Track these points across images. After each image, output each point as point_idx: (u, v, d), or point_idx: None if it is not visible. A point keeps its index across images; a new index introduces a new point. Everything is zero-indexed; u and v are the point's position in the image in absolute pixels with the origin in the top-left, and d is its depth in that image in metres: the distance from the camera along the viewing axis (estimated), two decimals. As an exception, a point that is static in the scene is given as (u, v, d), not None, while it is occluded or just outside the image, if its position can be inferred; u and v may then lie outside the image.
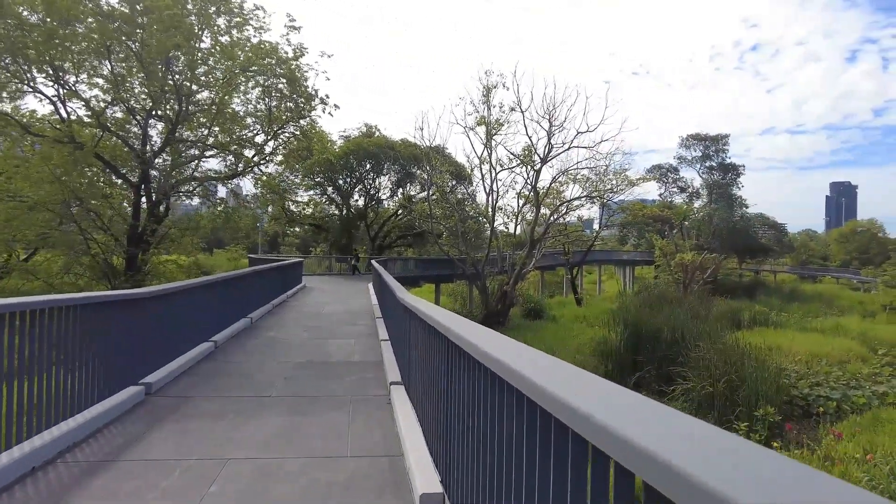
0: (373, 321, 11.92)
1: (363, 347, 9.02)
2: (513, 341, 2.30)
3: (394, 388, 5.87)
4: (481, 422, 2.26)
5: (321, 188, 38.92)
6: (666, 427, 1.05)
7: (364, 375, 7.04)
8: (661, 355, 20.67)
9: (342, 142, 38.65)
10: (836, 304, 49.88)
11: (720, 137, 59.23)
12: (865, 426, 14.75)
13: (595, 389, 1.45)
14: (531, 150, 24.32)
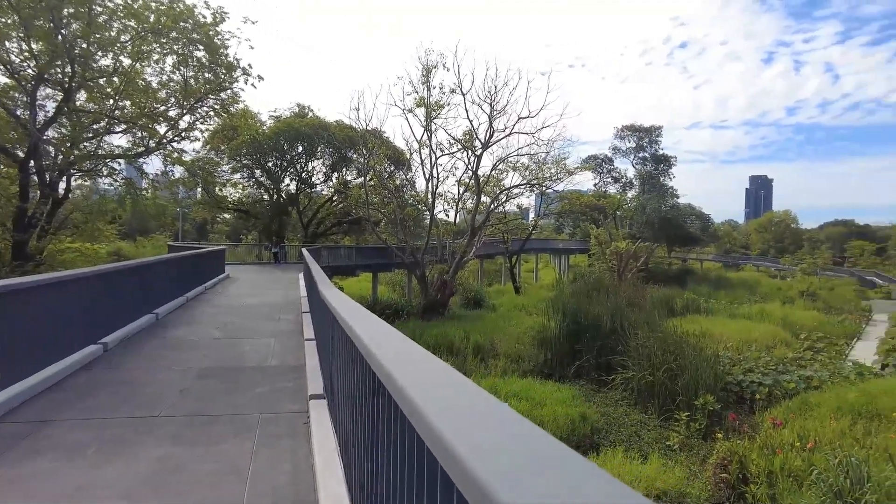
0: (299, 316, 10.68)
1: (283, 349, 7.82)
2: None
3: (314, 404, 4.79)
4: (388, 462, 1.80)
5: (249, 171, 36.57)
6: (489, 436, 1.04)
7: (280, 385, 5.87)
8: (600, 344, 20.48)
9: (272, 122, 36.39)
10: (759, 291, 52.33)
11: (653, 129, 60.74)
12: (796, 410, 14.89)
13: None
14: (472, 135, 23.47)
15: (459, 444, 0.92)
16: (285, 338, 8.59)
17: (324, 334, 5.27)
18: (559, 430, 13.74)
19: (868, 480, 7.66)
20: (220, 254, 19.60)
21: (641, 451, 13.66)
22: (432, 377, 1.56)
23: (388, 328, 2.63)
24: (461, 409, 1.17)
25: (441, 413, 1.10)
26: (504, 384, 16.49)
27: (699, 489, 11.29)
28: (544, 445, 0.98)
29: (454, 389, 1.39)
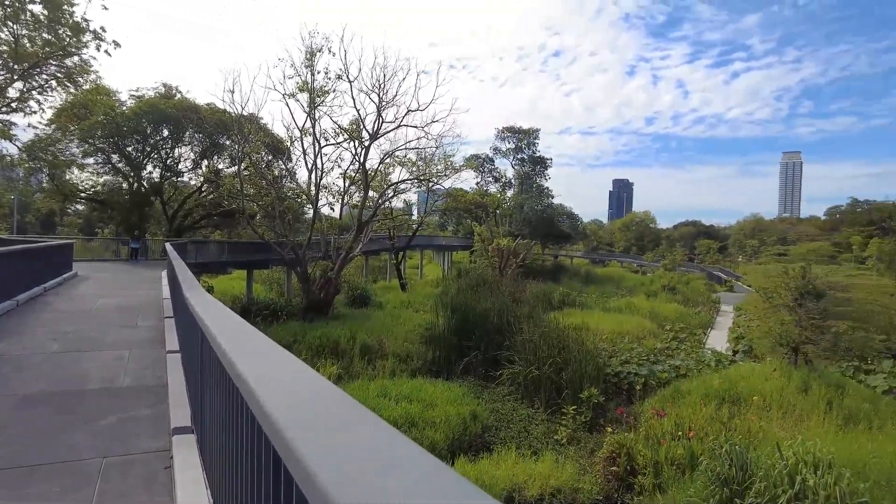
0: (161, 322, 9.14)
1: (140, 363, 6.42)
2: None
3: (179, 441, 3.72)
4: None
5: (104, 156, 32.27)
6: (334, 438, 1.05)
7: (134, 412, 4.64)
8: (488, 340, 20.49)
9: (133, 102, 32.41)
10: (624, 285, 56.32)
11: (531, 131, 63.08)
12: (669, 399, 15.75)
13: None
14: (359, 125, 22.33)
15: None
16: (143, 349, 7.16)
17: (191, 345, 4.19)
18: (451, 430, 13.34)
19: (751, 467, 7.91)
20: (65, 249, 16.84)
21: (532, 447, 13.65)
22: (335, 428, 1.14)
23: (267, 345, 2.18)
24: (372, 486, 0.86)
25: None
26: (394, 386, 15.80)
27: (590, 483, 11.39)
28: (409, 454, 0.94)
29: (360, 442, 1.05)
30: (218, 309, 3.33)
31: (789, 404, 14.40)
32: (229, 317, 2.98)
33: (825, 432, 12.50)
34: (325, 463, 0.89)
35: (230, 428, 2.11)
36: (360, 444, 1.03)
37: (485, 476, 10.87)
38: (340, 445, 0.99)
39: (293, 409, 1.27)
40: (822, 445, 8.37)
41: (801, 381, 15.25)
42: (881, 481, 7.79)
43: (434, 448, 12.65)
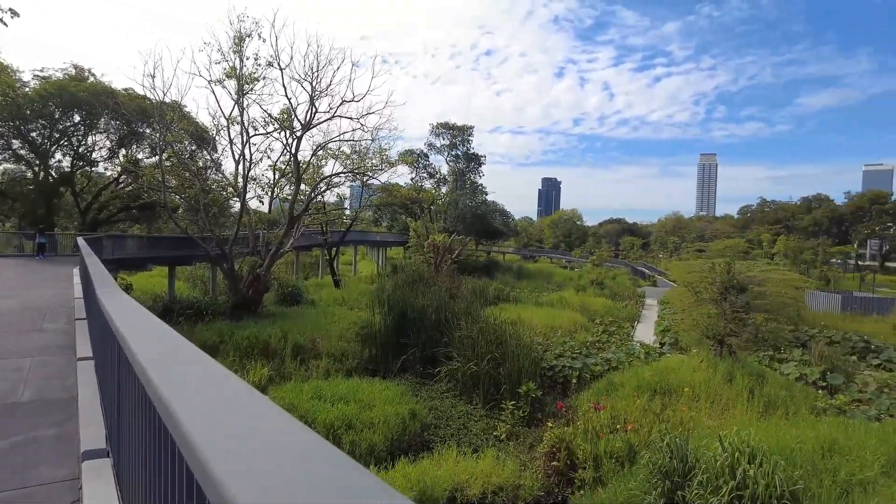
0: (71, 325, 8.23)
1: (44, 373, 5.59)
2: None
3: (90, 467, 3.16)
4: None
5: (2, 140, 29.31)
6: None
7: (36, 433, 3.95)
8: (426, 336, 20.22)
9: (38, 83, 29.61)
10: (554, 280, 57.70)
11: (466, 128, 63.25)
12: (603, 391, 16.03)
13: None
14: (291, 114, 21.34)
15: None
16: (50, 356, 6.33)
17: (106, 351, 3.61)
18: (390, 431, 12.98)
19: (691, 459, 8.04)
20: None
21: (472, 445, 13.52)
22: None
23: (189, 352, 1.89)
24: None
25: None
26: (329, 387, 15.23)
27: (531, 479, 11.37)
28: (342, 472, 0.90)
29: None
30: (135, 311, 2.86)
31: (716, 394, 14.95)
32: (146, 319, 2.55)
33: (749, 420, 13.04)
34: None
35: (153, 449, 1.71)
36: (292, 466, 0.93)
37: (426, 477, 10.59)
38: (269, 472, 0.88)
39: (216, 430, 1.10)
40: (755, 434, 8.65)
41: (725, 372, 15.90)
42: (807, 466, 8.12)
43: (373, 450, 12.26)
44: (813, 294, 36.38)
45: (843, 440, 9.39)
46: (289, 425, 1.09)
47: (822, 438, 9.47)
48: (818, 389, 17.90)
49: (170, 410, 1.23)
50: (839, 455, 8.93)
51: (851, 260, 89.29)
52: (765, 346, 21.20)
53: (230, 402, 1.31)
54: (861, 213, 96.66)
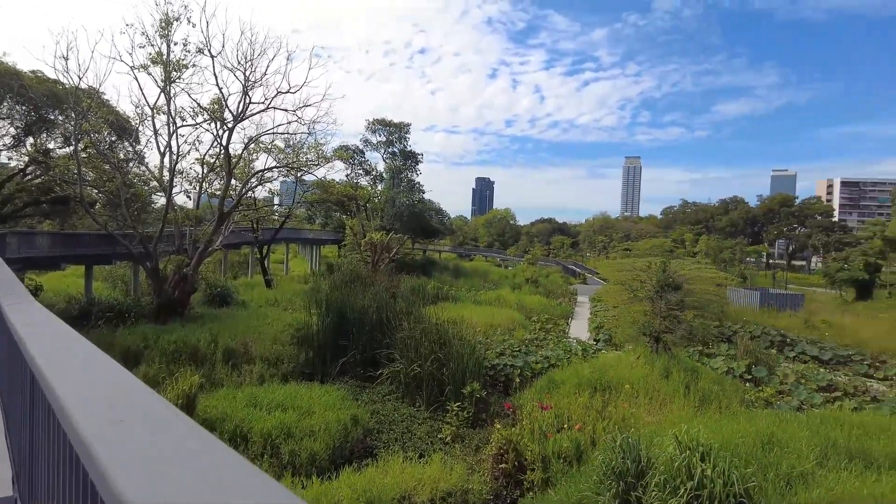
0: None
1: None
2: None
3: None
4: None
5: None
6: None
7: None
8: (366, 338, 19.66)
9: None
10: (490, 278, 58.28)
11: (403, 125, 62.59)
12: (544, 389, 16.05)
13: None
14: (222, 104, 20.10)
15: None
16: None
17: (13, 377, 2.99)
18: (332, 438, 12.42)
19: (643, 459, 8.05)
20: None
21: (416, 449, 13.19)
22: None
23: (111, 371, 1.65)
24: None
25: None
26: (264, 393, 14.44)
27: (480, 483, 11.17)
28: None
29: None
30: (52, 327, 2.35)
31: (654, 390, 15.25)
32: (65, 337, 2.09)
33: (687, 415, 13.38)
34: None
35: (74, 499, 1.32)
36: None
37: (373, 486, 10.15)
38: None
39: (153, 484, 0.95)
40: (702, 431, 8.79)
41: (662, 368, 16.30)
42: (752, 461, 8.30)
43: (314, 460, 11.67)
44: (734, 291, 38.50)
45: (780, 433, 9.75)
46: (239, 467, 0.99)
47: (760, 432, 9.79)
48: (745, 382, 18.80)
49: (92, 455, 1.03)
50: (778, 448, 9.24)
51: (762, 259, 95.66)
52: (694, 342, 22.11)
53: (174, 450, 1.09)
54: (771, 215, 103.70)
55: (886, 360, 23.53)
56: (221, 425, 12.03)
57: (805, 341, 26.36)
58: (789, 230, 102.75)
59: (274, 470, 11.11)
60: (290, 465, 11.39)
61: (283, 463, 11.40)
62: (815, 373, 20.22)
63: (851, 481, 7.88)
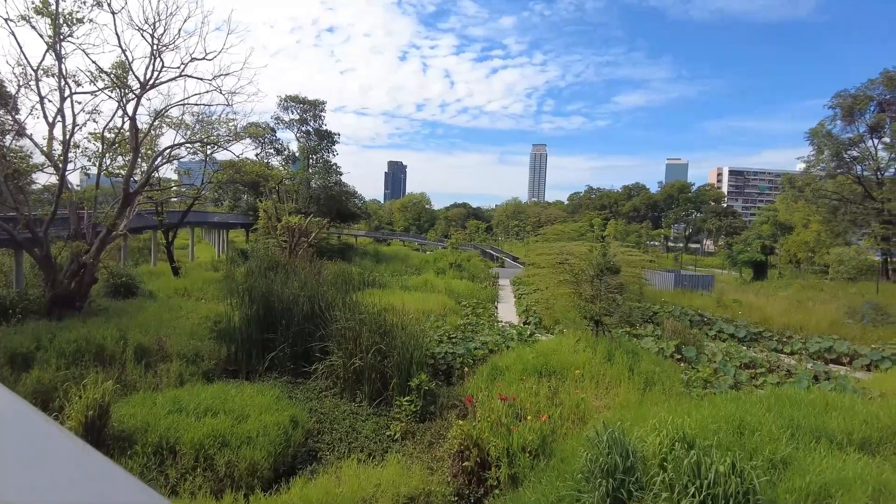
0: None
1: None
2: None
3: None
4: None
5: None
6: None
7: None
8: (296, 330, 18.22)
9: None
10: (412, 263, 57.40)
11: (318, 103, 59.86)
12: (489, 377, 15.51)
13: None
14: (127, 67, 17.44)
15: None
16: None
17: None
18: (272, 445, 11.11)
19: (634, 455, 7.62)
20: None
21: (364, 449, 12.20)
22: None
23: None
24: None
25: None
26: (189, 396, 12.75)
27: (441, 483, 10.41)
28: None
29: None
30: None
31: (599, 374, 15.09)
32: None
33: (637, 399, 13.31)
34: None
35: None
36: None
37: (329, 498, 9.11)
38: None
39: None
40: (685, 418, 8.51)
41: (605, 351, 16.22)
42: (735, 448, 8.07)
43: (255, 470, 10.37)
44: (651, 273, 40.18)
45: (748, 417, 9.72)
46: None
47: (729, 417, 9.71)
48: (677, 362, 19.31)
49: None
50: (749, 432, 9.17)
51: (665, 242, 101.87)
52: (629, 325, 22.57)
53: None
54: (671, 201, 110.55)
55: (792, 336, 25.28)
56: (143, 437, 10.40)
57: (721, 320, 27.82)
58: (686, 215, 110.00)
59: (210, 485, 9.73)
60: (227, 479, 10.05)
61: (220, 476, 10.03)
62: (737, 351, 21.20)
63: (832, 463, 7.87)
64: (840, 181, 51.80)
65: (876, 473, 7.38)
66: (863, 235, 54.45)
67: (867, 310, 27.56)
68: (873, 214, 49.43)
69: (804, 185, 52.87)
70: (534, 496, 8.81)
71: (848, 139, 50.35)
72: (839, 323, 27.01)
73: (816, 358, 22.29)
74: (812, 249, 56.67)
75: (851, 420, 9.72)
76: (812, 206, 54.06)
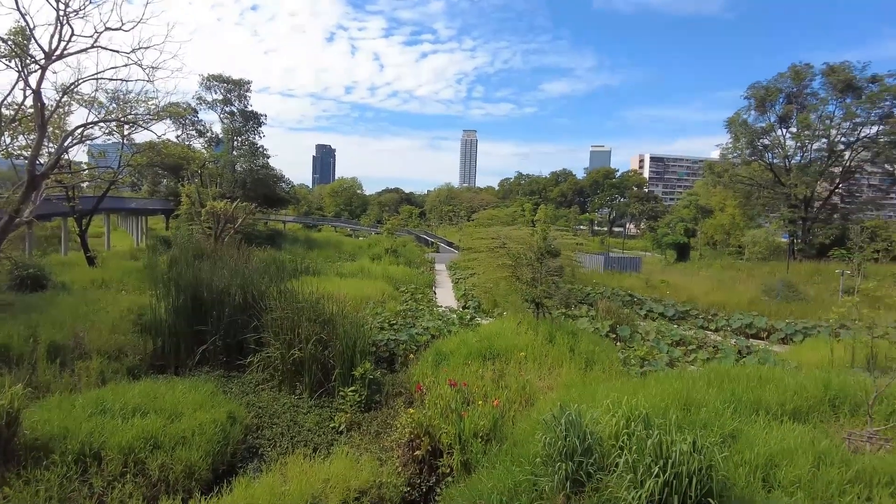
0: None
1: None
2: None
3: None
4: None
5: None
6: None
7: None
8: (228, 321, 17.28)
9: None
10: (345, 250, 56.24)
11: (242, 83, 57.05)
12: (434, 362, 15.28)
13: None
14: (27, 35, 15.42)
15: None
16: None
17: None
18: (210, 444, 10.41)
19: (592, 437, 7.61)
20: None
21: (308, 443, 11.71)
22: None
23: None
24: None
25: None
26: (113, 395, 11.70)
27: (392, 474, 10.10)
28: None
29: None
30: None
31: (542, 355, 15.20)
32: None
33: (579, 379, 13.46)
34: None
35: None
36: None
37: (275, 498, 8.61)
38: None
39: None
40: (638, 398, 8.60)
41: (546, 333, 16.37)
42: (684, 425, 8.24)
43: (192, 472, 9.66)
44: (582, 255, 41.30)
45: (693, 393, 10.01)
46: None
47: (675, 394, 9.97)
48: (613, 342, 19.86)
49: None
50: (695, 408, 9.44)
51: (593, 226, 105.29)
52: (562, 306, 22.94)
53: None
54: (596, 186, 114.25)
55: (717, 313, 26.67)
56: (62, 444, 9.41)
57: (650, 300, 28.95)
58: (611, 200, 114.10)
59: (142, 492, 8.97)
60: (162, 483, 9.31)
61: (153, 482, 9.28)
62: (668, 329, 22.08)
63: (775, 435, 8.19)
64: (754, 168, 55.35)
65: (815, 442, 7.73)
66: (773, 219, 58.53)
67: (780, 287, 29.55)
68: (782, 199, 53.17)
69: (723, 171, 56.10)
70: (490, 482, 8.66)
71: (760, 128, 53.78)
72: (757, 300, 28.82)
73: (739, 333, 23.63)
74: (728, 232, 60.37)
75: (784, 392, 10.21)
76: (729, 191, 57.53)
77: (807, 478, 6.93)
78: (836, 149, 52.60)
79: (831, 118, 51.58)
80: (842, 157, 53.15)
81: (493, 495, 8.28)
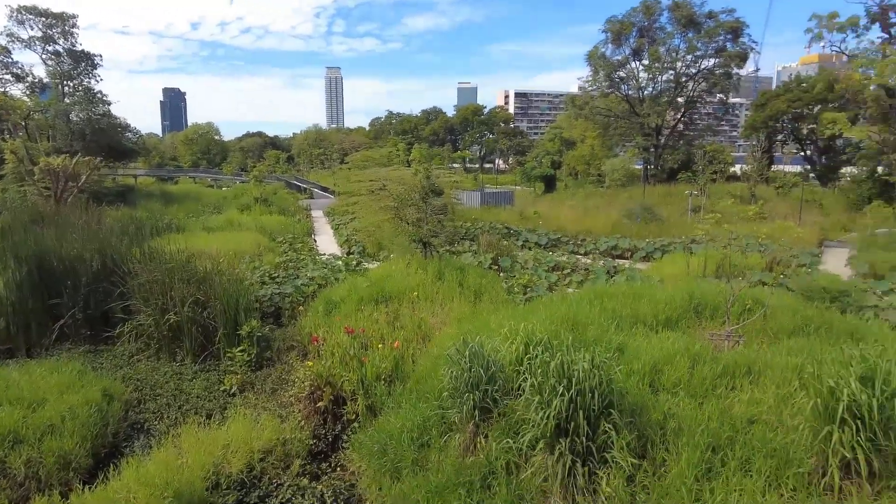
0: None
1: None
2: None
3: None
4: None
5: None
6: None
7: None
8: (87, 291, 15.47)
9: None
10: (208, 202, 52.24)
11: (67, 17, 49.00)
12: (324, 310, 14.86)
13: None
14: None
15: None
16: None
17: None
18: (85, 428, 9.44)
19: (495, 365, 7.90)
20: None
21: (199, 410, 11.06)
22: None
23: None
24: None
25: None
26: (-48, 389, 10.11)
27: (295, 429, 9.88)
28: None
29: None
30: None
31: (433, 293, 15.40)
32: None
33: (470, 312, 13.83)
34: None
35: None
36: None
37: (173, 473, 8.05)
38: None
39: None
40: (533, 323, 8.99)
41: (435, 271, 16.57)
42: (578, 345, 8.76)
43: (68, 462, 8.71)
44: (460, 192, 42.00)
45: (578, 314, 10.69)
46: None
47: (565, 316, 10.59)
48: (496, 273, 20.64)
49: None
50: (582, 327, 10.12)
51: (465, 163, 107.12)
52: (447, 243, 23.33)
53: None
54: (466, 124, 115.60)
55: (585, 238, 28.66)
56: None
57: (525, 231, 30.35)
58: (480, 136, 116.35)
59: (7, 495, 7.98)
60: (31, 481, 8.31)
61: (20, 481, 8.25)
62: (544, 256, 23.36)
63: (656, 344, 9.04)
64: (611, 100, 58.95)
65: (689, 347, 8.65)
66: (629, 147, 63.34)
67: (639, 211, 32.35)
68: (637, 128, 57.47)
69: (583, 103, 59.18)
70: (398, 422, 8.76)
71: (617, 61, 56.95)
72: (619, 224, 31.37)
73: (606, 255, 25.67)
74: (588, 162, 64.49)
75: (656, 305, 11.26)
76: (589, 123, 61.04)
77: (685, 378, 7.75)
78: (682, 80, 57.38)
79: (677, 51, 55.91)
80: (686, 88, 58.12)
81: (402, 434, 8.39)
